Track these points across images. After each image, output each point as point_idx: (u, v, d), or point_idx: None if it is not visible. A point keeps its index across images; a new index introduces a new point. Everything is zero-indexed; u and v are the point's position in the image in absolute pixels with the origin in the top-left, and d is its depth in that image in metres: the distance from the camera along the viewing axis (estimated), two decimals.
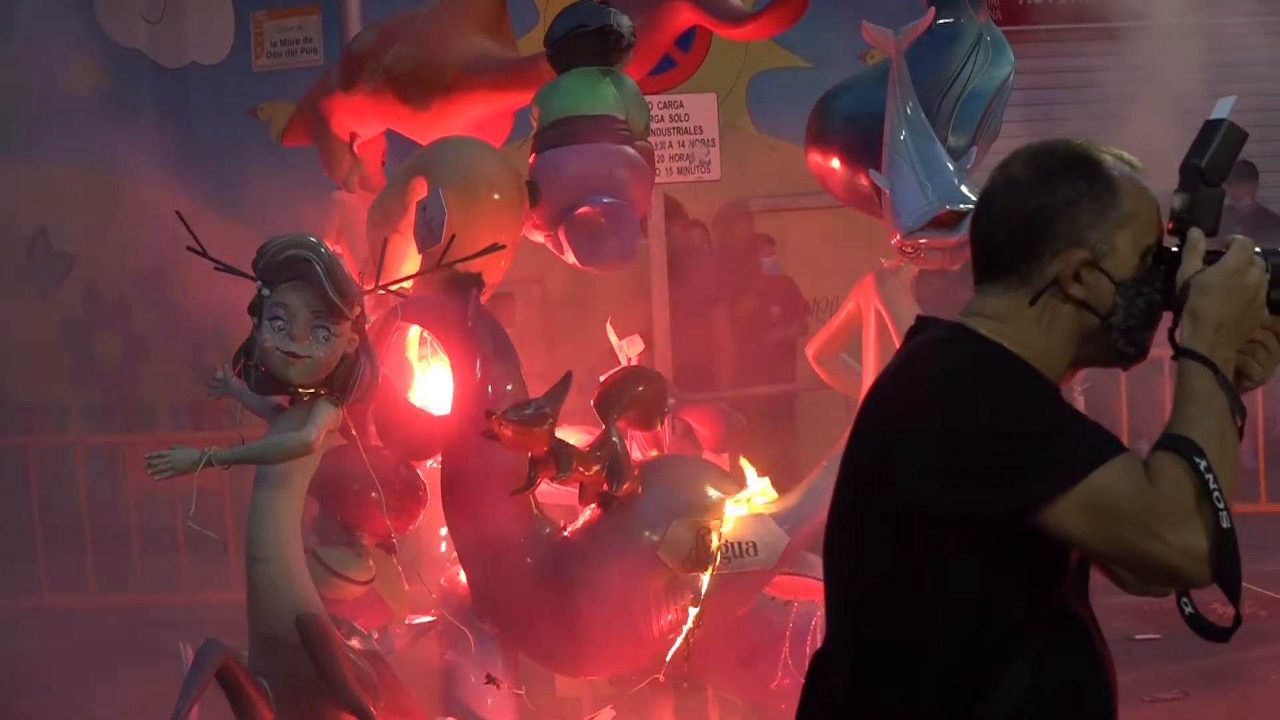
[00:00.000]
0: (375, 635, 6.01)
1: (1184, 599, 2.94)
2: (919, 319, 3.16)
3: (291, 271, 5.29)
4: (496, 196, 6.17)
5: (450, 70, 6.88)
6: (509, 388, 6.13)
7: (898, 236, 5.91)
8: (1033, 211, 2.98)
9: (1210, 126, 3.02)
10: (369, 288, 5.52)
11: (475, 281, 6.12)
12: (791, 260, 12.63)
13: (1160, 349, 3.05)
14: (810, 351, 6.67)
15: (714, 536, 5.99)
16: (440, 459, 6.21)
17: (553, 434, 5.78)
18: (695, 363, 11.54)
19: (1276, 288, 2.97)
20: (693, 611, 5.97)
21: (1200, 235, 2.98)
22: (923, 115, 5.92)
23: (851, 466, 3.07)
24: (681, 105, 10.44)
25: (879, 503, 2.94)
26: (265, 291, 5.32)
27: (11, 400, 13.92)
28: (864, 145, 6.08)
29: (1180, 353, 2.92)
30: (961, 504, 2.85)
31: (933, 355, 3.01)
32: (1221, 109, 3.03)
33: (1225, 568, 2.79)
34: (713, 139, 10.82)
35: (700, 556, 5.96)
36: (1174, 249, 3.00)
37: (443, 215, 5.99)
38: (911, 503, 2.89)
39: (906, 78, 5.93)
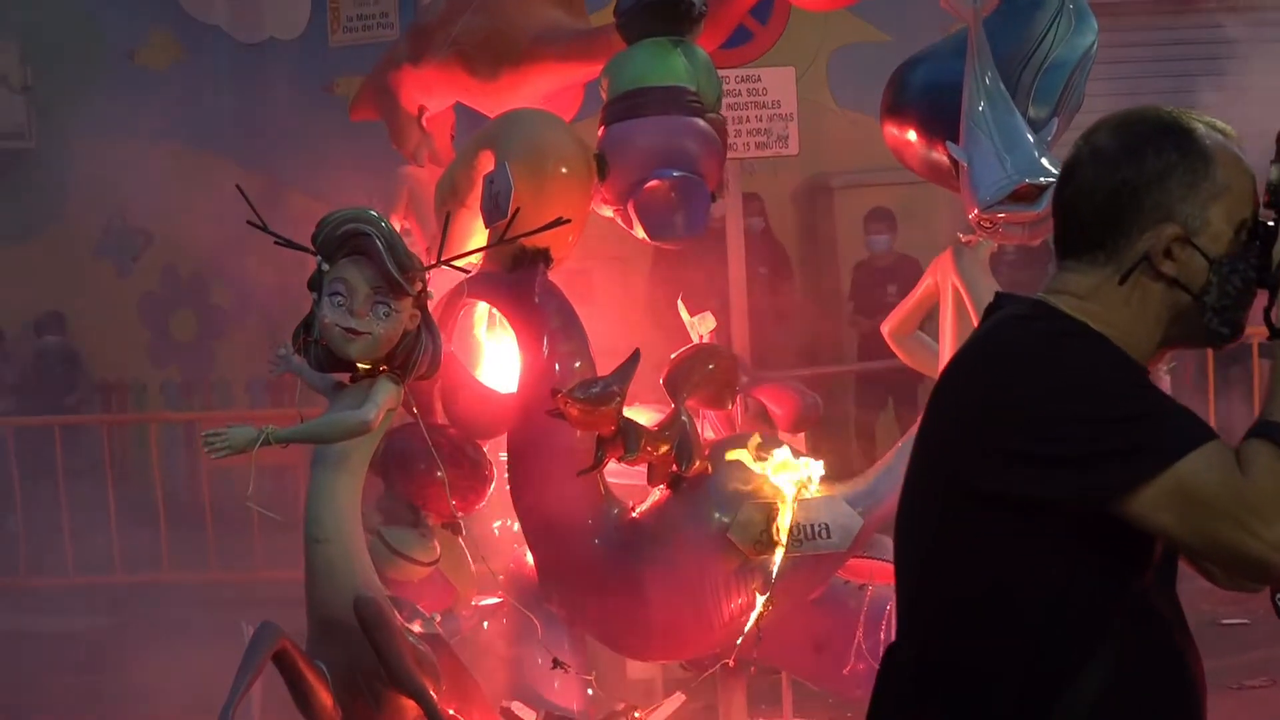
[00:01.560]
0: (438, 618, 5.91)
1: (1278, 594, 2.78)
2: (998, 295, 3.00)
3: (351, 246, 5.18)
4: (564, 170, 6.04)
5: (520, 42, 6.77)
6: (576, 365, 6.01)
7: (975, 211, 5.74)
8: (1120, 184, 2.82)
9: None
10: (430, 263, 5.39)
11: (543, 256, 6.00)
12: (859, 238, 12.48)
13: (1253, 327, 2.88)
14: (886, 329, 6.51)
15: (786, 517, 5.86)
16: (507, 438, 6.10)
17: (620, 413, 5.65)
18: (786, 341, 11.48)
19: None
20: (762, 596, 5.84)
21: None
22: (1002, 86, 5.74)
23: (926, 447, 2.93)
24: (759, 79, 10.24)
25: (955, 485, 2.79)
26: (324, 266, 5.21)
27: (90, 377, 13.95)
28: (941, 117, 5.90)
29: (1276, 334, 2.76)
30: (1041, 488, 2.70)
31: (1014, 333, 2.85)
32: None
33: None
34: (791, 114, 10.62)
35: (772, 538, 5.83)
36: (1270, 223, 2.82)
37: (509, 189, 5.87)
38: (989, 486, 2.74)
39: (985, 47, 5.75)
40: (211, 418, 12.14)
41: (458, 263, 5.48)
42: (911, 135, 6.13)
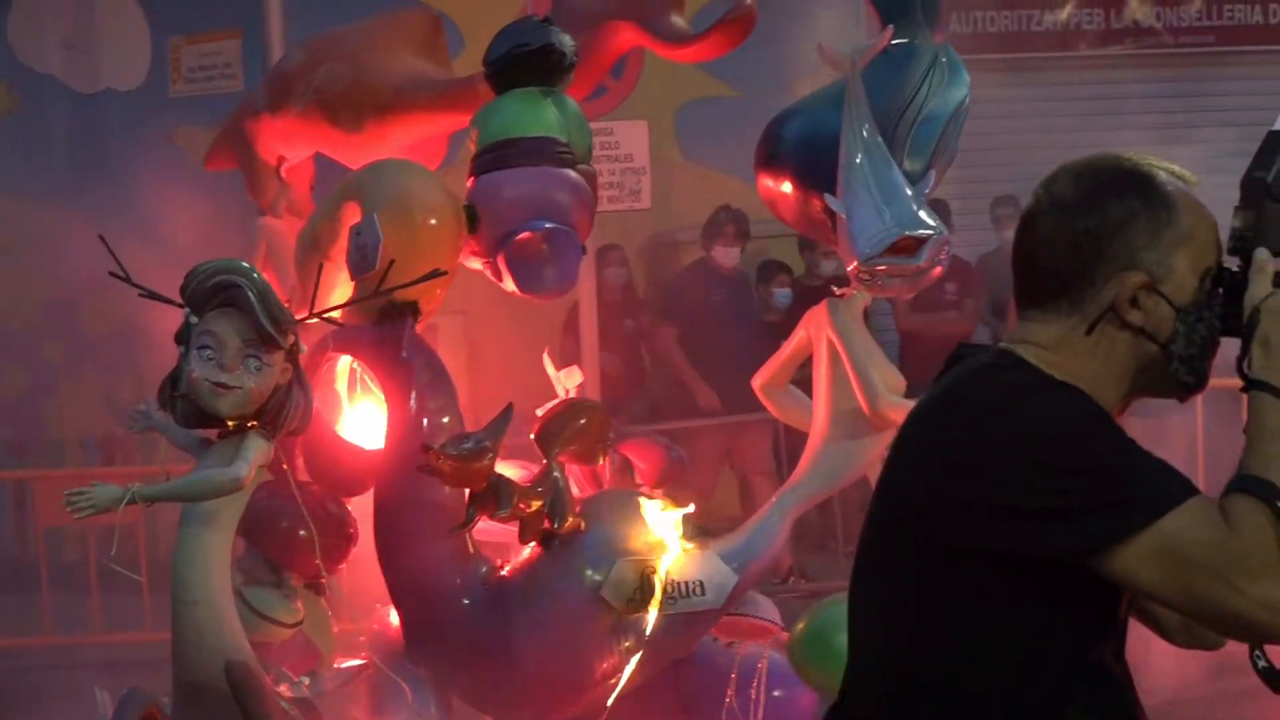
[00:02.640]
0: (306, 681, 5.76)
1: (1257, 653, 2.73)
2: (960, 345, 2.93)
3: (221, 298, 5.03)
4: (433, 221, 5.93)
5: (383, 91, 6.65)
6: (446, 421, 5.90)
7: (854, 263, 5.71)
8: (1083, 232, 2.76)
9: (1275, 137, 2.80)
10: (302, 316, 5.25)
11: (411, 310, 5.89)
12: None
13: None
14: (757, 383, 6.45)
15: (659, 576, 5.78)
16: (373, 495, 5.97)
17: (493, 469, 5.56)
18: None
19: None
20: (635, 655, 5.76)
21: (1268, 256, 2.75)
22: (879, 138, 5.73)
23: (888, 501, 2.84)
24: (612, 133, 10.26)
25: (925, 539, 2.71)
26: (193, 319, 5.05)
27: None
28: (818, 169, 5.87)
29: (1251, 384, 2.70)
30: (1019, 542, 2.63)
31: (984, 383, 2.78)
32: None
33: None
34: (643, 167, 10.66)
35: (645, 596, 5.74)
36: (1235, 270, 2.78)
37: (378, 241, 5.76)
38: (963, 540, 2.66)
39: (863, 99, 5.74)
40: (43, 476, 11.81)
41: (331, 315, 5.35)
42: (787, 188, 6.10)
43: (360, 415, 6.28)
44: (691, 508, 5.98)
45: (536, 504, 5.70)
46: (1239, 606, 2.57)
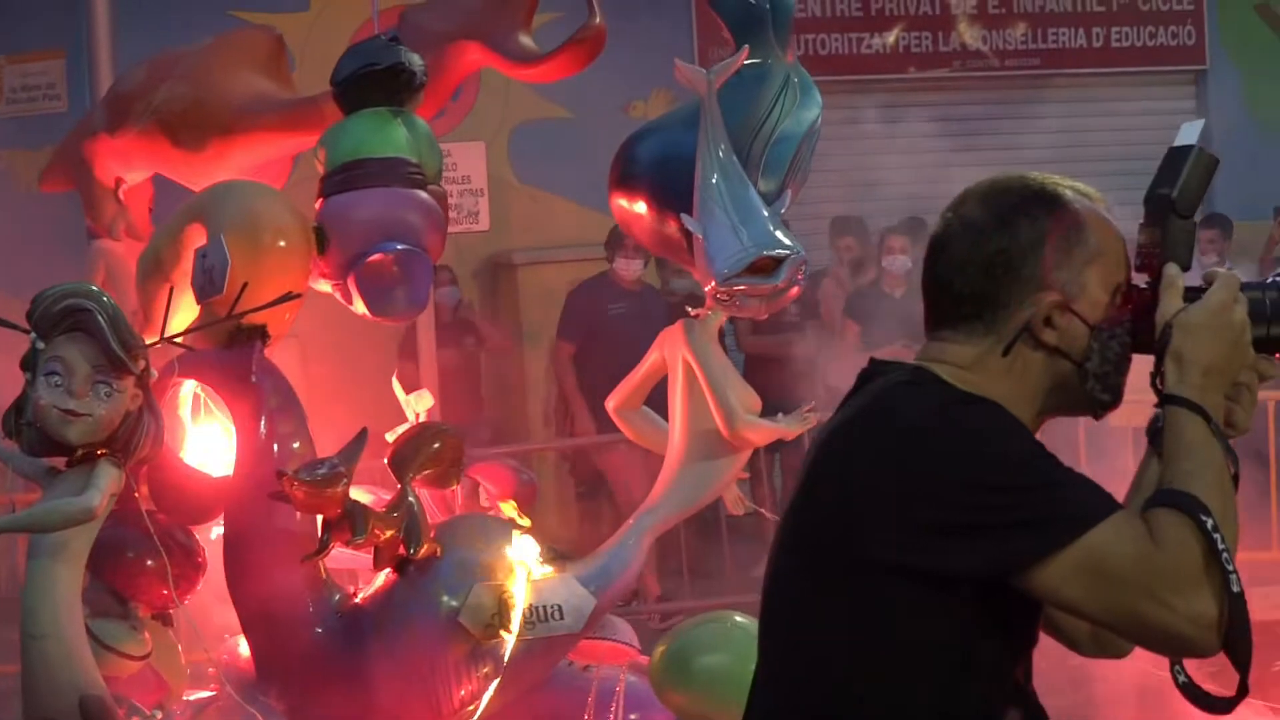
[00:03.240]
0: (159, 714, 5.62)
1: (1177, 667, 2.73)
2: (873, 361, 2.91)
3: (69, 322, 4.89)
4: (282, 243, 5.82)
5: (226, 111, 6.52)
6: (296, 446, 5.79)
7: (712, 283, 5.69)
8: (995, 254, 2.77)
9: (1177, 153, 2.81)
10: (153, 340, 5.13)
11: (259, 334, 5.77)
12: (551, 313, 12.40)
13: None
14: (611, 405, 6.41)
15: (517, 600, 5.72)
16: (223, 522, 5.85)
17: (347, 494, 5.47)
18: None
19: (1259, 324, 2.77)
20: (494, 681, 5.69)
21: (1178, 272, 2.77)
22: (735, 158, 5.71)
23: (804, 519, 2.79)
24: (450, 154, 10.18)
25: (840, 559, 2.68)
26: (40, 344, 4.91)
27: None
28: (673, 189, 5.85)
29: (1167, 400, 2.71)
30: (944, 559, 2.61)
31: (903, 399, 2.75)
32: (1188, 134, 2.82)
33: (1235, 635, 2.56)
34: (481, 189, 10.63)
35: (503, 621, 5.68)
36: (1144, 286, 2.79)
37: (225, 263, 5.65)
38: (881, 558, 2.64)
39: (719, 119, 5.72)
40: None
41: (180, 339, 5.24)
42: (641, 208, 6.06)
43: (205, 441, 6.15)
44: (528, 524, 5.94)
45: (391, 530, 5.61)
46: (1167, 621, 2.57)
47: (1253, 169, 13.95)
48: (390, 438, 6.02)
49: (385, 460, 5.80)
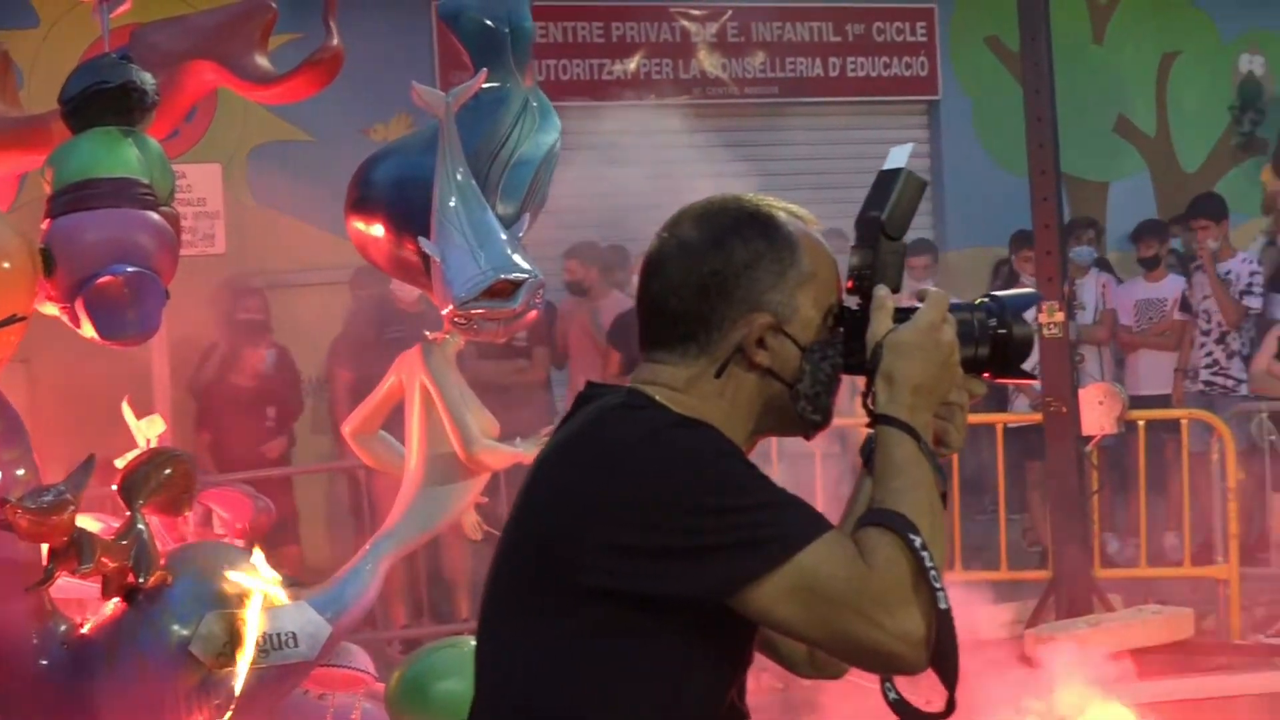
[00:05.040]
0: None
1: (887, 684, 2.75)
2: (589, 384, 2.89)
3: None
4: (6, 265, 5.65)
5: None
6: (20, 473, 5.64)
7: (450, 307, 5.66)
8: (709, 275, 2.76)
9: (887, 176, 2.83)
10: None
11: None
12: (290, 338, 12.26)
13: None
14: (348, 430, 6.35)
15: (250, 628, 5.63)
16: None
17: (74, 522, 5.33)
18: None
19: (968, 345, 2.81)
20: (227, 712, 5.59)
21: (887, 292, 2.78)
22: (473, 182, 5.70)
23: (520, 544, 2.76)
24: (184, 176, 10.00)
25: (555, 583, 2.65)
26: None
27: None
28: (411, 212, 5.81)
29: (877, 419, 2.73)
30: (655, 584, 2.60)
31: (620, 423, 2.73)
32: (897, 157, 2.84)
33: (942, 652, 2.59)
34: (217, 211, 10.45)
35: (236, 650, 5.58)
36: (855, 308, 2.81)
37: None
38: (596, 583, 2.62)
39: (457, 142, 5.70)
40: None
41: None
42: (378, 231, 6.02)
43: None
44: (258, 553, 5.86)
45: (120, 558, 5.49)
46: (877, 640, 2.59)
47: (982, 196, 14.34)
48: (120, 464, 5.89)
49: (114, 487, 5.68)
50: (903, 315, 2.78)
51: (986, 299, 2.89)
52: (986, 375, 2.88)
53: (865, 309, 2.80)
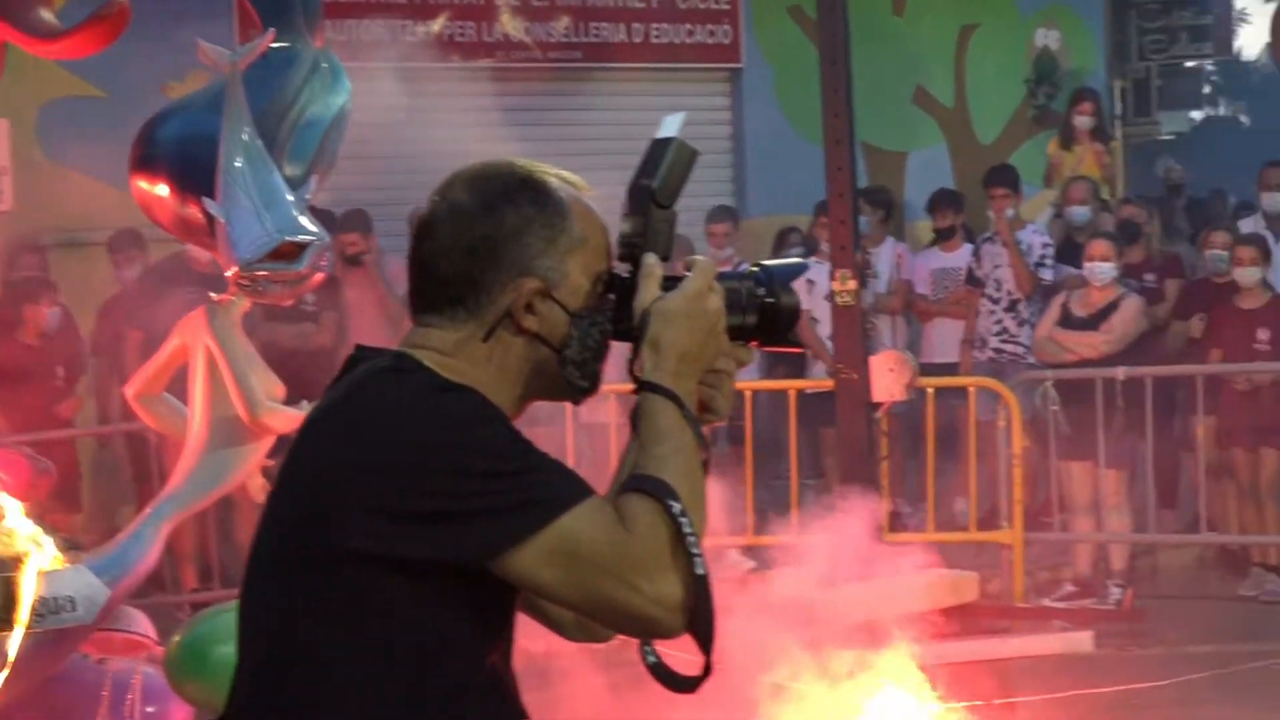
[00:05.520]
0: None
1: (647, 648, 2.78)
2: (358, 348, 2.88)
3: None
4: None
5: None
6: None
7: (234, 268, 5.61)
8: (479, 240, 2.77)
9: (659, 145, 2.85)
10: None
11: None
12: (79, 299, 12.03)
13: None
14: (130, 391, 6.26)
15: (26, 591, 5.54)
16: None
17: None
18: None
19: (735, 313, 2.84)
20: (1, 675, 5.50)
21: (656, 260, 2.81)
22: (260, 142, 5.64)
23: (285, 507, 2.77)
24: None
25: (319, 546, 2.66)
26: None
27: None
28: (196, 172, 5.74)
29: (642, 386, 2.75)
30: (417, 547, 2.62)
31: (384, 386, 2.74)
32: (670, 126, 2.87)
33: (698, 616, 2.63)
34: (4, 167, 10.22)
35: (9, 613, 5.50)
36: (625, 275, 2.83)
37: None
38: (359, 546, 2.63)
39: (243, 102, 5.64)
40: None
41: None
42: (163, 190, 5.94)
43: None
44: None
45: None
46: (635, 604, 2.63)
47: (783, 164, 14.44)
48: None
49: None
50: (671, 283, 2.81)
51: (755, 268, 2.92)
52: (754, 343, 2.91)
53: (635, 276, 2.83)
